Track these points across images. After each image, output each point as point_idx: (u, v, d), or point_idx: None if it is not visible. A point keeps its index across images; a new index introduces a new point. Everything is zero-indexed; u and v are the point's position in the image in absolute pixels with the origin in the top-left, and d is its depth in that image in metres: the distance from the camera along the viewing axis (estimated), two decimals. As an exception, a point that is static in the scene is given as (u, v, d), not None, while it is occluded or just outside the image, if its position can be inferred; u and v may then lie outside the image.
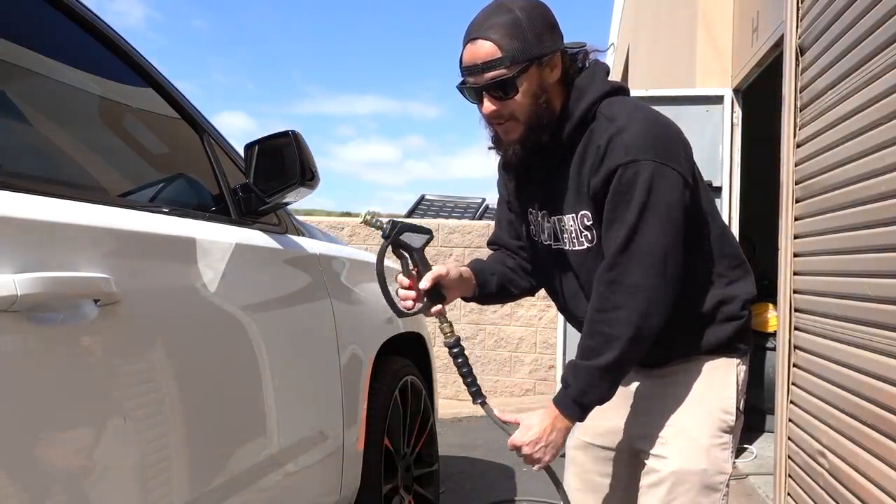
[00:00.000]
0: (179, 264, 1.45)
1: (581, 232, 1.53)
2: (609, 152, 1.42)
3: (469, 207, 9.77)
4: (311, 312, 1.98)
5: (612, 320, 1.43)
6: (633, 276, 1.41)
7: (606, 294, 1.44)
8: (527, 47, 1.42)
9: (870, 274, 2.21)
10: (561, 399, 1.49)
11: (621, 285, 1.42)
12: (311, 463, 1.89)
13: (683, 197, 1.43)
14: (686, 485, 1.50)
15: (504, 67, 1.41)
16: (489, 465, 4.12)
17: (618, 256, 1.42)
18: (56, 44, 1.42)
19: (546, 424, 1.49)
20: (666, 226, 1.41)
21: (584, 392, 1.46)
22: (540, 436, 1.49)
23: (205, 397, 1.46)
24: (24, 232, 1.09)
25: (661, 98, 4.04)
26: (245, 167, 1.80)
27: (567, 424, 1.50)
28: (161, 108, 1.70)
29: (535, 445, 1.49)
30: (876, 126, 2.17)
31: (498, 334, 5.96)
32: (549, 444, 1.49)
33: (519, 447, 1.51)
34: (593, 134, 1.47)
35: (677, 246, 1.43)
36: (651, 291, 1.42)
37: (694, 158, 1.51)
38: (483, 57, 1.42)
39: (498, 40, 1.41)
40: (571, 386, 1.48)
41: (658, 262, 1.41)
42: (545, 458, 1.50)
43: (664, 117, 1.49)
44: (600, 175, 1.43)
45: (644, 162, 1.39)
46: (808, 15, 2.78)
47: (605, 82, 1.51)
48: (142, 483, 1.28)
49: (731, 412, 1.57)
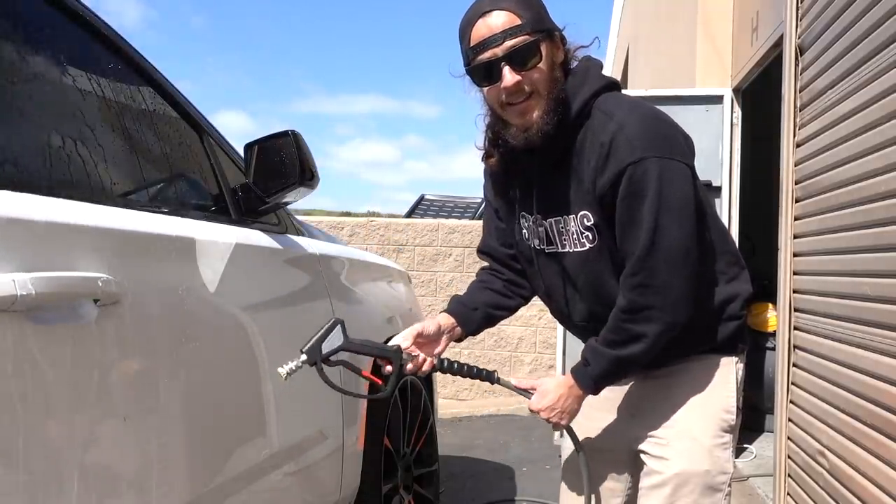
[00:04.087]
0: (179, 264, 1.45)
1: (581, 233, 1.51)
2: (614, 150, 1.40)
3: (469, 207, 9.77)
4: (311, 312, 1.98)
5: (639, 319, 1.44)
6: (660, 276, 1.42)
7: (633, 296, 1.44)
8: (540, 18, 1.43)
9: (870, 274, 2.21)
10: (580, 373, 1.53)
11: (649, 287, 1.42)
12: (311, 463, 1.89)
13: (693, 188, 1.43)
14: (689, 486, 1.50)
15: (526, 33, 1.40)
16: (489, 465, 4.12)
17: (642, 260, 1.42)
18: (56, 43, 1.42)
19: (562, 391, 1.54)
20: (683, 221, 1.41)
21: (603, 375, 1.51)
22: (556, 401, 1.55)
23: (204, 397, 1.46)
24: (24, 232, 1.09)
25: (661, 98, 4.04)
26: (245, 167, 1.80)
27: (581, 393, 1.55)
28: (161, 107, 1.70)
29: (552, 411, 1.55)
30: (876, 126, 2.17)
31: (498, 334, 5.96)
32: (564, 409, 1.55)
33: (537, 411, 1.57)
34: (591, 131, 1.45)
35: (694, 238, 1.43)
36: (677, 289, 1.42)
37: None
38: (503, 25, 1.40)
39: (514, 8, 1.40)
40: (592, 365, 1.51)
41: (682, 258, 1.42)
42: (562, 422, 1.57)
43: (661, 111, 1.48)
44: (607, 175, 1.42)
45: (651, 159, 1.38)
46: (808, 15, 2.78)
47: (599, 78, 1.50)
48: (142, 483, 1.28)
49: (731, 411, 1.57)
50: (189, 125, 1.76)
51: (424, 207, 9.74)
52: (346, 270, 2.26)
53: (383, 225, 6.22)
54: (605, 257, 1.50)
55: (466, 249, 5.99)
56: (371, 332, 2.34)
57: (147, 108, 1.66)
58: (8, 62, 1.27)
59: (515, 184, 1.62)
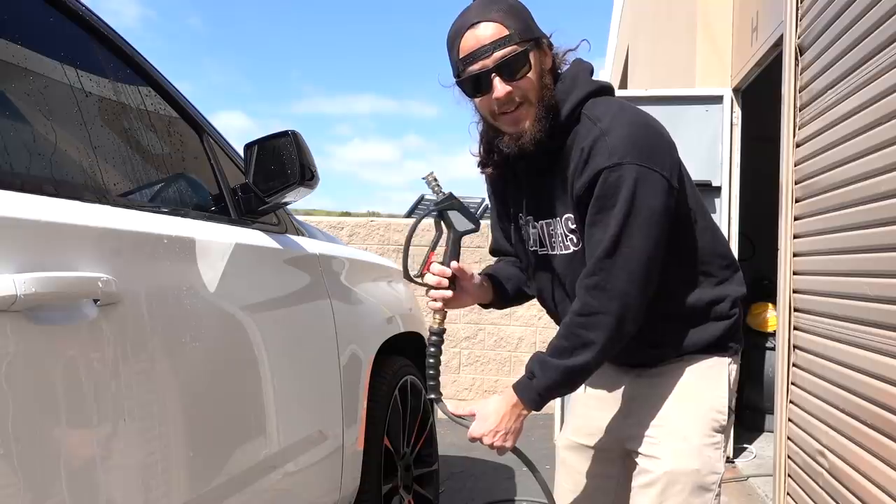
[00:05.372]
0: (179, 264, 1.45)
1: (566, 236, 1.52)
2: (593, 155, 1.41)
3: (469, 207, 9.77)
4: (311, 312, 1.98)
5: (590, 324, 1.42)
6: (616, 281, 1.40)
7: (587, 298, 1.43)
8: (527, 28, 1.43)
9: (870, 274, 2.21)
10: (524, 387, 1.49)
11: (604, 291, 1.41)
12: (311, 463, 1.89)
13: (667, 201, 1.41)
14: (679, 485, 1.50)
15: (514, 44, 1.41)
16: (489, 465, 4.12)
17: (601, 261, 1.41)
18: (56, 43, 1.42)
19: (503, 412, 1.49)
20: (649, 232, 1.40)
21: (549, 387, 1.47)
22: (497, 425, 1.50)
23: (204, 397, 1.46)
24: (24, 232, 1.09)
25: (660, 98, 4.04)
26: (245, 167, 1.80)
27: (524, 410, 1.50)
28: (161, 107, 1.70)
29: (495, 435, 1.50)
30: (876, 126, 2.17)
31: (498, 334, 5.95)
32: (508, 430, 1.50)
33: (479, 438, 1.52)
34: (577, 136, 1.46)
35: (658, 252, 1.42)
36: (632, 298, 1.41)
37: (680, 158, 1.49)
38: (491, 37, 1.41)
39: (502, 20, 1.41)
40: (537, 378, 1.47)
41: (641, 268, 1.40)
42: (507, 444, 1.52)
43: (650, 118, 1.47)
44: (584, 178, 1.42)
45: (628, 166, 1.38)
46: (808, 15, 2.78)
47: (589, 82, 1.50)
48: (142, 483, 1.28)
49: (723, 411, 1.56)
50: (189, 125, 1.77)
51: (424, 207, 9.74)
52: (346, 270, 2.26)
53: (383, 225, 6.22)
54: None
55: (466, 249, 5.99)
56: (371, 331, 2.35)
57: (147, 108, 1.66)
58: (8, 62, 1.27)
59: (511, 187, 1.64)
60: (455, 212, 1.60)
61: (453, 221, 1.60)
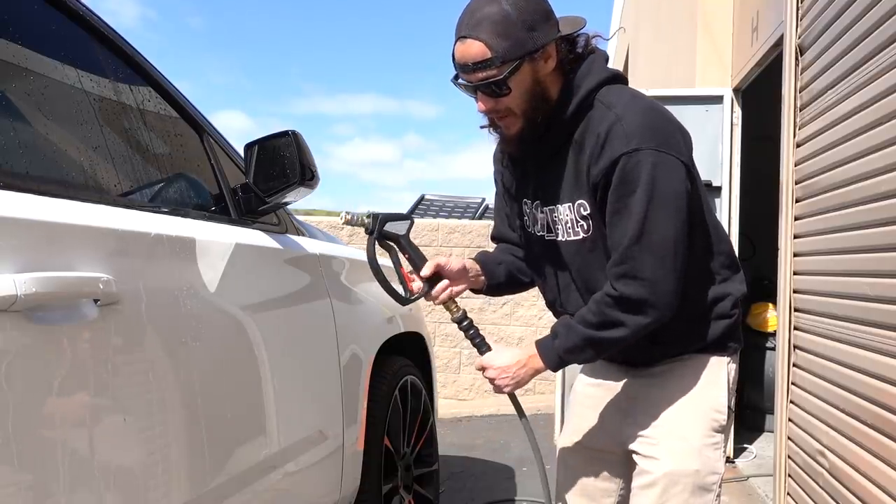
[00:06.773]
0: (179, 264, 1.45)
1: (577, 222, 1.51)
2: (609, 141, 1.40)
3: (469, 207, 9.78)
4: (311, 312, 1.98)
5: (627, 309, 1.43)
6: (645, 268, 1.40)
7: (621, 287, 1.43)
8: (517, 44, 1.38)
9: (870, 274, 2.21)
10: (545, 346, 1.51)
11: (634, 278, 1.41)
12: (311, 463, 1.89)
13: (686, 184, 1.42)
14: (679, 486, 1.50)
15: (495, 68, 1.38)
16: (489, 465, 4.12)
17: (629, 249, 1.40)
18: (55, 43, 1.42)
19: (519, 358, 1.53)
20: (674, 216, 1.40)
21: (571, 351, 1.49)
22: (509, 365, 1.53)
23: (204, 397, 1.46)
24: (24, 232, 1.09)
25: (661, 98, 4.02)
26: (245, 167, 1.80)
27: (540, 367, 1.52)
28: (161, 107, 1.70)
29: (503, 373, 1.53)
30: (876, 126, 2.17)
31: (498, 334, 5.95)
32: (514, 376, 1.53)
33: (485, 368, 1.55)
34: (591, 122, 1.46)
35: (684, 234, 1.42)
36: (664, 283, 1.41)
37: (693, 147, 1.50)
38: (473, 57, 1.39)
39: (487, 39, 1.37)
40: (560, 340, 1.49)
41: (670, 253, 1.40)
42: (504, 389, 1.55)
43: (661, 106, 1.48)
44: (601, 165, 1.42)
45: (646, 151, 1.38)
46: (808, 15, 2.78)
47: (603, 70, 1.50)
48: (141, 483, 1.27)
49: (722, 411, 1.56)
50: (189, 125, 1.76)
51: (424, 207, 9.75)
52: (346, 270, 2.26)
53: (383, 225, 6.23)
54: (599, 248, 1.49)
55: (467, 249, 5.99)
56: (371, 331, 2.34)
57: (147, 108, 1.66)
58: (8, 62, 1.27)
59: (519, 170, 1.64)
60: (388, 223, 1.62)
61: (393, 231, 1.62)
